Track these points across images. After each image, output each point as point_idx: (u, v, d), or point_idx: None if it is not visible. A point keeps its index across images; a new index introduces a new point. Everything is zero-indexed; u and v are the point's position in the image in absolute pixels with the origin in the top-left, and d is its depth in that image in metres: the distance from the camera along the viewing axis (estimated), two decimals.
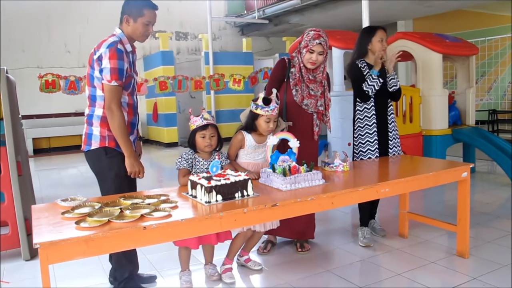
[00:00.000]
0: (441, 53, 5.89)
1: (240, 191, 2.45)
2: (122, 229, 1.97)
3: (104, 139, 2.74)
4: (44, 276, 1.84)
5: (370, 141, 3.66)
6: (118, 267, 2.85)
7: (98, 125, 2.75)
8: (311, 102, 3.37)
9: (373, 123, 3.65)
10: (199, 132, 2.88)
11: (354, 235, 3.84)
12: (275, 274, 3.15)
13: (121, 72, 2.64)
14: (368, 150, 3.66)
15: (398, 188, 2.96)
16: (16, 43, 11.15)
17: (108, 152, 2.75)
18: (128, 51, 2.77)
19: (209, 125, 2.89)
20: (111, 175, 2.77)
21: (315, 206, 2.54)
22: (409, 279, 2.98)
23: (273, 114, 3.02)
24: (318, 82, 3.38)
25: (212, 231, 2.59)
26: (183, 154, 2.94)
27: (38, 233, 1.94)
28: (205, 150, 2.92)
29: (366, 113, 3.67)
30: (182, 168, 2.89)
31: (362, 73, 3.60)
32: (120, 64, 2.64)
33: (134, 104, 2.89)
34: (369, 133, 3.66)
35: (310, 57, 3.25)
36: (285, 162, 2.77)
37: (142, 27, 2.77)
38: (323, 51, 3.25)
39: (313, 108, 3.40)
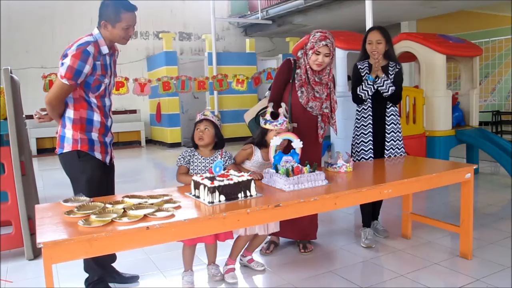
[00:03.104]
0: (444, 54, 5.88)
1: (243, 191, 2.44)
2: (125, 229, 1.98)
3: (76, 142, 2.72)
4: (48, 275, 1.84)
5: (365, 141, 3.68)
6: (88, 270, 2.85)
7: (70, 128, 2.73)
8: (316, 104, 3.35)
9: (368, 123, 3.67)
10: (196, 127, 2.99)
11: (357, 236, 3.83)
12: (278, 275, 3.15)
13: (77, 73, 2.59)
14: (362, 151, 3.67)
15: (401, 189, 2.95)
16: (20, 43, 11.18)
17: (81, 155, 2.74)
18: (104, 53, 2.74)
19: (204, 120, 2.98)
20: (83, 179, 2.74)
21: (318, 206, 2.54)
22: (412, 280, 2.98)
23: (282, 129, 3.00)
24: (323, 85, 3.37)
25: (215, 231, 2.60)
26: (183, 151, 3.02)
27: (42, 233, 1.95)
28: (199, 143, 2.97)
29: (363, 113, 3.69)
30: (180, 165, 2.98)
31: (360, 75, 3.62)
32: (80, 66, 2.59)
33: (105, 107, 2.85)
34: (364, 133, 3.68)
35: (316, 58, 3.22)
36: (288, 163, 2.77)
37: (121, 32, 2.72)
38: (329, 53, 3.22)
39: (317, 110, 3.38)
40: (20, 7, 11.02)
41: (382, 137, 3.70)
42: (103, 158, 2.84)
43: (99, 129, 2.80)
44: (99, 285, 2.83)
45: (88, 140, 2.75)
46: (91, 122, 2.76)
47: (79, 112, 2.73)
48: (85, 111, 2.74)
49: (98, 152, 2.80)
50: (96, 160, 2.78)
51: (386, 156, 3.70)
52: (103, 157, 2.84)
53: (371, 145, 3.67)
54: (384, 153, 3.71)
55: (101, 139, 2.82)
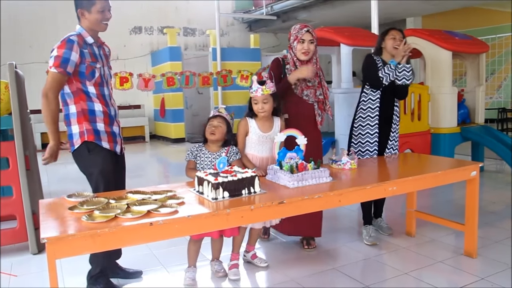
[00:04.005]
0: (450, 50, 5.84)
1: (247, 187, 2.44)
2: (128, 225, 1.97)
3: (83, 134, 2.75)
4: (51, 270, 1.84)
5: (371, 133, 3.66)
6: (93, 261, 2.86)
7: (75, 122, 2.76)
8: (310, 92, 3.45)
9: (375, 115, 3.64)
10: (209, 122, 3.00)
11: (360, 233, 3.81)
12: (281, 271, 3.15)
13: (65, 61, 2.63)
14: (367, 143, 3.67)
15: (406, 186, 2.94)
16: (24, 38, 11.19)
17: (90, 148, 2.76)
18: (89, 43, 2.79)
19: (218, 116, 3.00)
20: (96, 172, 2.77)
21: (322, 203, 2.53)
22: (415, 278, 2.97)
23: (258, 95, 3.04)
24: (314, 74, 3.45)
25: (219, 227, 2.60)
26: (191, 146, 3.05)
27: (46, 228, 1.95)
28: (210, 138, 2.97)
29: (370, 103, 3.66)
30: (188, 160, 3.00)
31: (377, 64, 3.61)
32: (66, 53, 2.63)
33: (104, 96, 2.86)
34: (370, 125, 3.66)
35: (302, 47, 3.32)
36: (292, 159, 2.76)
37: (98, 15, 2.77)
38: (312, 39, 3.33)
39: (313, 98, 3.46)
40: (24, 2, 11.02)
41: (386, 135, 3.69)
42: (112, 147, 2.85)
43: (104, 119, 2.81)
44: (100, 278, 2.84)
45: (93, 130, 2.76)
46: (93, 112, 2.78)
47: (80, 105, 2.75)
48: (85, 103, 2.75)
49: (106, 141, 2.81)
50: (105, 151, 2.79)
51: (385, 154, 3.70)
52: (111, 146, 2.85)
53: (377, 145, 3.65)
54: (385, 151, 3.71)
55: (108, 129, 2.84)
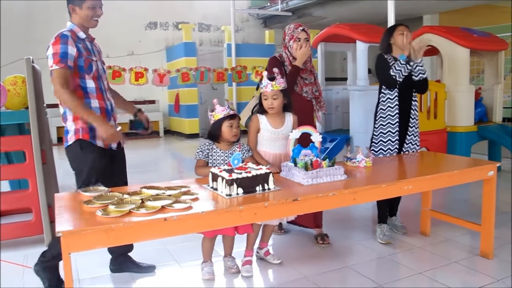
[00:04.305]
0: (468, 48, 5.75)
1: (261, 184, 2.43)
2: (142, 220, 1.98)
3: (78, 132, 2.75)
4: (66, 264, 1.86)
5: (392, 131, 3.62)
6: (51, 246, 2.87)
7: (71, 120, 2.76)
8: (309, 88, 3.61)
9: (395, 113, 3.61)
10: (226, 122, 2.90)
11: (374, 231, 3.78)
12: (294, 268, 3.14)
13: (64, 55, 2.63)
14: (389, 141, 3.62)
15: (422, 185, 2.91)
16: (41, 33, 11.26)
17: (83, 146, 2.75)
18: (82, 38, 2.79)
19: (236, 115, 2.96)
20: (86, 170, 2.76)
21: (336, 201, 2.51)
22: (429, 278, 2.94)
23: (267, 91, 3.00)
24: (308, 71, 3.62)
25: (232, 224, 2.60)
26: (201, 144, 2.98)
27: (61, 222, 1.96)
28: (232, 140, 2.94)
29: (389, 102, 3.62)
30: (199, 159, 2.96)
31: (389, 63, 3.57)
32: (63, 48, 2.63)
33: (102, 89, 2.86)
34: (391, 123, 3.62)
35: (297, 45, 3.47)
36: (307, 156, 2.74)
37: (89, 11, 2.77)
38: (307, 37, 3.50)
39: (311, 94, 3.62)
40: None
41: (405, 130, 3.65)
42: (106, 145, 2.84)
43: (100, 114, 2.81)
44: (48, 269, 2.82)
45: (89, 128, 2.75)
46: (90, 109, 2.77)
47: None
48: (82, 99, 2.75)
49: (100, 139, 2.80)
50: (99, 149, 2.79)
51: (404, 150, 3.66)
52: (106, 144, 2.84)
53: (398, 137, 3.62)
54: (403, 146, 3.66)
55: None
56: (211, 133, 2.97)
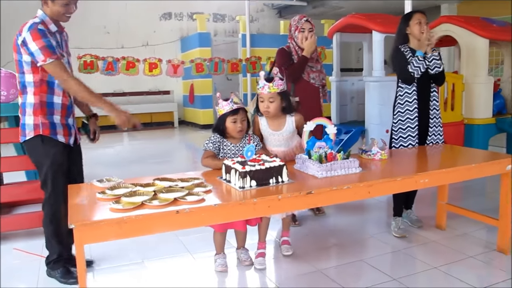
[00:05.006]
0: (487, 38, 5.63)
1: (275, 177, 2.41)
2: (155, 213, 1.97)
3: (38, 127, 2.72)
4: (79, 255, 1.86)
5: (411, 126, 3.54)
6: (48, 247, 2.92)
7: (31, 113, 2.72)
8: (315, 75, 3.80)
9: (414, 108, 3.52)
10: (230, 117, 2.83)
11: (389, 225, 3.74)
12: (308, 261, 3.12)
13: (51, 48, 2.61)
14: (409, 137, 3.54)
15: (438, 179, 2.86)
16: None
17: (45, 140, 2.74)
18: (53, 31, 2.74)
19: (240, 109, 2.85)
20: (47, 164, 2.76)
21: (351, 194, 2.48)
22: (445, 273, 2.89)
23: (264, 93, 2.92)
24: (314, 60, 3.82)
25: (245, 217, 2.58)
26: (211, 136, 2.91)
27: (74, 213, 1.97)
28: (237, 136, 2.87)
29: (407, 98, 3.54)
30: (207, 150, 2.88)
31: (405, 56, 3.48)
32: (47, 41, 2.60)
33: None
34: (410, 118, 3.53)
35: (302, 36, 3.69)
36: (321, 149, 2.70)
37: (61, 8, 2.70)
38: (311, 27, 3.72)
39: (318, 81, 3.82)
40: None
41: (426, 122, 3.58)
42: (66, 140, 2.84)
43: (61, 111, 2.80)
44: (57, 263, 2.89)
45: (50, 124, 2.74)
46: (51, 105, 2.76)
47: (39, 97, 2.72)
48: (45, 95, 2.73)
49: (61, 135, 2.80)
50: (60, 144, 2.79)
51: (428, 142, 3.58)
52: (66, 139, 2.84)
53: (417, 130, 3.54)
54: (427, 139, 3.59)
55: (63, 122, 2.82)
56: (217, 128, 2.90)
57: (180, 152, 9.38)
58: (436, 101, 3.61)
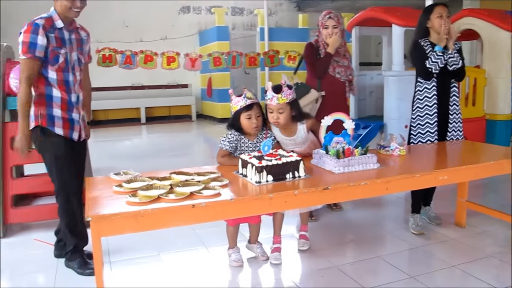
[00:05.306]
0: (511, 31, 5.50)
1: (292, 172, 2.39)
2: (171, 206, 1.98)
3: (37, 118, 2.76)
4: (95, 248, 1.88)
5: (430, 123, 3.47)
6: (65, 239, 2.96)
7: (33, 105, 2.77)
8: (341, 70, 3.84)
9: (433, 104, 3.46)
10: (244, 113, 2.78)
11: (407, 221, 3.69)
12: (323, 257, 3.10)
13: (32, 46, 2.62)
14: (428, 133, 3.48)
15: (458, 176, 2.81)
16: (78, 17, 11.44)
17: (44, 132, 2.77)
18: (59, 27, 2.74)
19: (254, 105, 2.79)
20: (51, 156, 2.80)
21: (368, 191, 2.45)
22: (463, 272, 2.85)
23: (272, 104, 2.83)
24: (341, 55, 3.87)
25: (261, 212, 2.58)
26: (228, 134, 2.85)
27: (90, 206, 1.98)
28: (253, 132, 2.83)
29: (426, 93, 3.48)
30: (223, 149, 2.83)
31: (425, 51, 3.42)
32: (32, 38, 2.62)
33: (68, 82, 2.83)
34: (429, 114, 3.47)
35: (327, 32, 3.75)
36: (339, 144, 2.68)
37: (68, 2, 2.71)
38: (335, 24, 3.74)
39: (344, 76, 3.85)
40: None
41: (446, 118, 3.51)
42: (66, 134, 2.83)
43: (61, 105, 2.80)
44: (74, 254, 2.93)
45: (47, 115, 2.76)
46: (50, 97, 2.78)
47: (38, 89, 2.77)
48: (43, 87, 2.76)
49: (60, 127, 2.80)
50: (58, 137, 2.79)
51: (448, 138, 3.52)
52: (66, 133, 2.83)
53: (437, 126, 3.48)
54: (446, 135, 3.53)
55: (65, 115, 2.82)
56: (232, 125, 2.85)
57: (197, 145, 9.42)
58: (457, 96, 3.54)
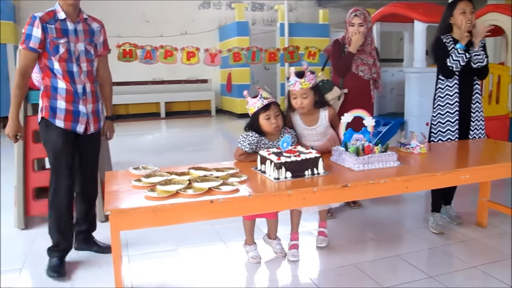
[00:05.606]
0: None
1: (311, 168, 2.38)
2: (189, 202, 1.98)
3: (42, 110, 2.79)
4: (114, 241, 1.89)
5: (451, 121, 3.42)
6: (50, 234, 2.92)
7: (41, 97, 2.81)
8: (365, 68, 3.79)
9: (455, 102, 3.40)
10: (262, 114, 2.74)
11: (426, 220, 3.64)
12: (341, 254, 3.08)
13: (27, 37, 2.67)
14: (448, 131, 3.43)
15: (480, 175, 2.76)
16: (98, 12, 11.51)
17: (47, 124, 2.79)
18: (60, 18, 2.75)
19: (271, 104, 2.76)
20: (49, 147, 2.82)
21: (388, 189, 2.43)
22: (484, 273, 2.80)
23: (296, 89, 2.87)
24: (367, 53, 3.81)
25: (280, 208, 2.57)
26: (249, 134, 2.81)
27: (110, 200, 2.00)
28: (273, 132, 2.79)
29: (448, 91, 3.42)
30: (242, 149, 2.81)
31: (447, 48, 3.35)
32: (29, 30, 2.68)
33: (72, 73, 2.80)
34: (450, 112, 3.41)
35: (352, 30, 3.70)
36: (359, 141, 2.65)
37: None
38: (361, 22, 3.68)
39: (368, 74, 3.79)
40: None
41: (468, 117, 3.45)
42: (69, 126, 2.81)
43: (66, 96, 2.79)
44: (54, 252, 2.89)
45: (50, 107, 2.78)
46: (55, 89, 2.78)
47: (45, 81, 2.79)
48: (49, 79, 2.78)
49: (61, 120, 2.79)
50: (59, 129, 2.79)
51: (470, 137, 3.46)
52: (68, 125, 2.81)
53: (458, 125, 3.43)
54: (469, 133, 3.47)
55: (69, 107, 2.80)
56: (251, 127, 2.81)
57: (216, 141, 9.44)
58: (479, 93, 3.47)
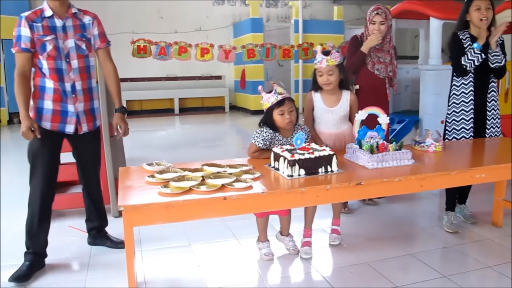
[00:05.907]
0: None
1: (324, 166, 2.37)
2: (202, 198, 1.99)
3: (31, 110, 2.75)
4: (127, 237, 1.91)
5: (466, 119, 3.38)
6: None
7: (31, 97, 2.77)
8: (381, 67, 3.73)
9: (470, 100, 3.36)
10: (276, 109, 2.73)
11: (441, 219, 3.61)
12: (354, 252, 3.06)
13: (18, 38, 2.66)
14: (463, 129, 3.39)
15: (496, 174, 2.74)
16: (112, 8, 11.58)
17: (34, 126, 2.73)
18: (47, 16, 2.71)
19: (286, 100, 2.74)
20: (29, 149, 2.79)
21: (402, 187, 2.42)
22: (498, 273, 2.76)
23: (322, 67, 2.93)
24: (385, 51, 3.75)
25: (293, 206, 2.56)
26: (263, 130, 2.81)
27: (123, 196, 2.01)
28: (287, 128, 2.79)
29: (463, 89, 3.38)
30: (255, 145, 2.81)
31: (463, 45, 3.31)
32: (17, 31, 2.66)
33: (61, 70, 2.75)
34: (465, 110, 3.38)
35: (373, 28, 3.64)
36: (373, 139, 2.63)
37: None
38: (383, 20, 3.61)
39: (384, 73, 3.74)
40: None
41: (483, 115, 3.41)
42: (55, 128, 2.79)
43: (53, 96, 2.75)
44: (26, 255, 2.81)
45: (36, 108, 2.76)
46: (43, 89, 2.76)
47: (35, 81, 2.78)
48: (38, 79, 2.76)
49: (47, 121, 2.76)
50: (44, 130, 2.74)
51: (487, 135, 3.42)
52: (55, 126, 2.79)
53: (472, 124, 3.39)
54: (485, 132, 3.42)
55: (57, 108, 2.77)
56: (265, 123, 2.81)
57: (230, 137, 9.46)
58: (495, 91, 3.43)
